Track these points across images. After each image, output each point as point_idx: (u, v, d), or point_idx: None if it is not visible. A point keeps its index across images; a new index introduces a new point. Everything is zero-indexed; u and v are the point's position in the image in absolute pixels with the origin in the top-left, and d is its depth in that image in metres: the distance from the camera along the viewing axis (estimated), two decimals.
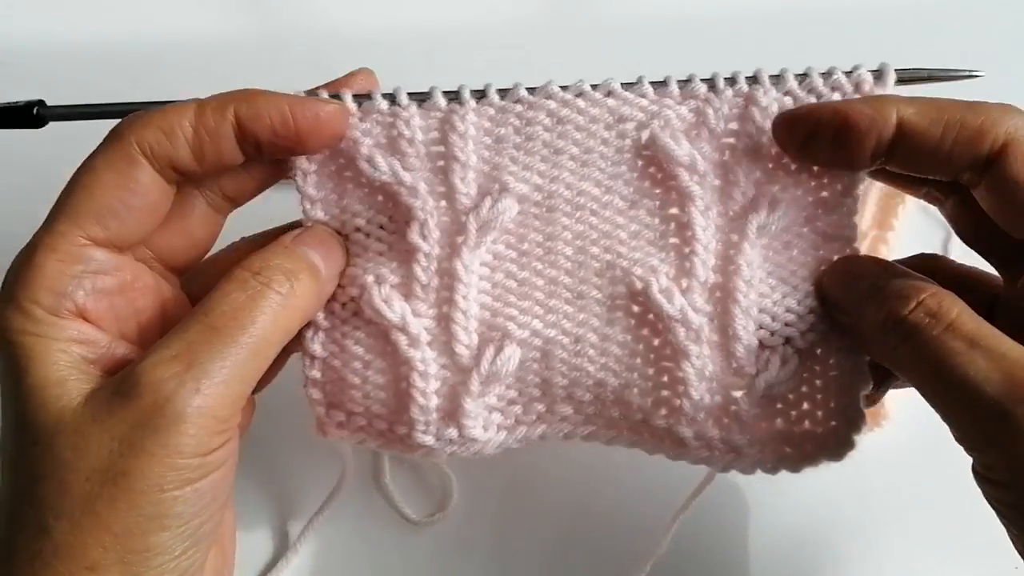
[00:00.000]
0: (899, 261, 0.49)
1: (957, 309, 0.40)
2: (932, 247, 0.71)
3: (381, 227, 0.47)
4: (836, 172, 0.46)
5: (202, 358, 0.39)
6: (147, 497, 0.37)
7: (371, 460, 0.62)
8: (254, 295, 0.41)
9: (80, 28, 0.77)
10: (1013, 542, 0.41)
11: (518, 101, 0.45)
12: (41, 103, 0.46)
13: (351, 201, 0.47)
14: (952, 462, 0.42)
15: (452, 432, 0.47)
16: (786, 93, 0.46)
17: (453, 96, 0.45)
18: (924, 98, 0.42)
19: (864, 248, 0.71)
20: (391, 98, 0.45)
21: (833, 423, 0.47)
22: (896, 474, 0.63)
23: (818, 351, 0.47)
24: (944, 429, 0.42)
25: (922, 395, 0.41)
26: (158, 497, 0.37)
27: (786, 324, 0.47)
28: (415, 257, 0.46)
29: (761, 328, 0.47)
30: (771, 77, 0.45)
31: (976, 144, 0.41)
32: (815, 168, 0.47)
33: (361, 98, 0.45)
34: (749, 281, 0.46)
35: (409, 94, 0.45)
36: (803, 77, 0.46)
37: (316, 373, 0.47)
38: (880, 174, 0.48)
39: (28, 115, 0.46)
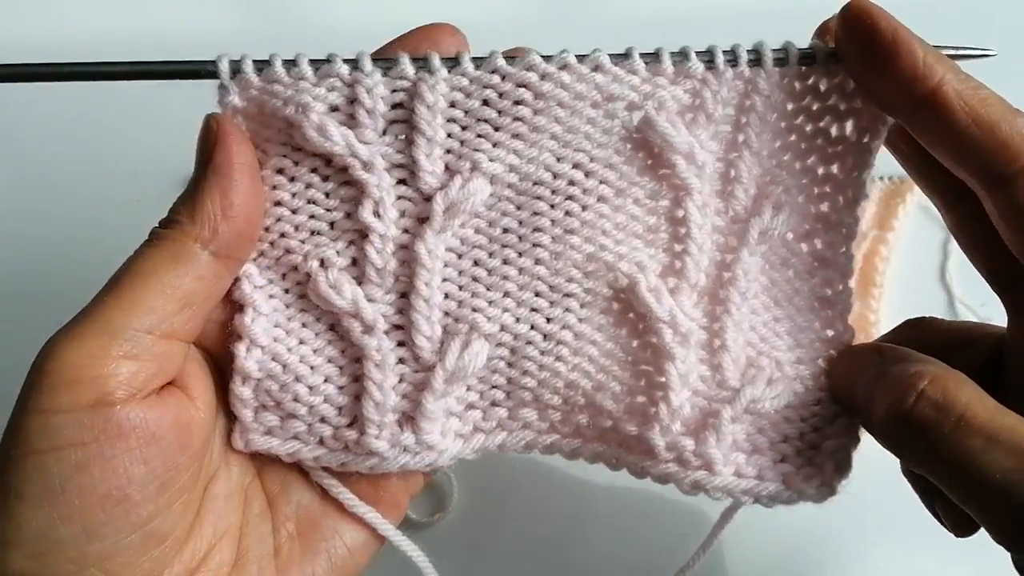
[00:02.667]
0: (887, 335, 0.47)
1: (965, 397, 0.37)
2: (932, 248, 0.73)
3: (313, 202, 0.41)
4: (842, 178, 0.42)
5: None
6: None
7: None
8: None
9: (80, 28, 0.76)
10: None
11: (495, 71, 0.40)
12: None
13: (278, 169, 0.41)
14: None
15: (408, 437, 0.42)
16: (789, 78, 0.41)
17: (422, 64, 0.40)
18: (975, 81, 0.39)
19: (864, 248, 0.72)
20: (353, 63, 0.40)
21: (816, 462, 0.43)
22: (896, 473, 0.63)
23: (807, 386, 0.44)
24: None
25: (947, 494, 0.39)
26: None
27: (775, 347, 0.43)
28: (368, 238, 0.41)
29: (749, 345, 0.43)
30: (775, 57, 0.41)
31: (998, 157, 0.38)
32: (819, 171, 0.43)
33: (319, 62, 0.40)
34: (744, 293, 0.43)
35: (374, 60, 0.40)
36: (809, 59, 0.41)
37: (252, 364, 0.41)
38: (900, 150, 0.45)
39: None
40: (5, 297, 0.67)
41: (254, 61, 0.40)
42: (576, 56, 0.40)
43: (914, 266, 0.73)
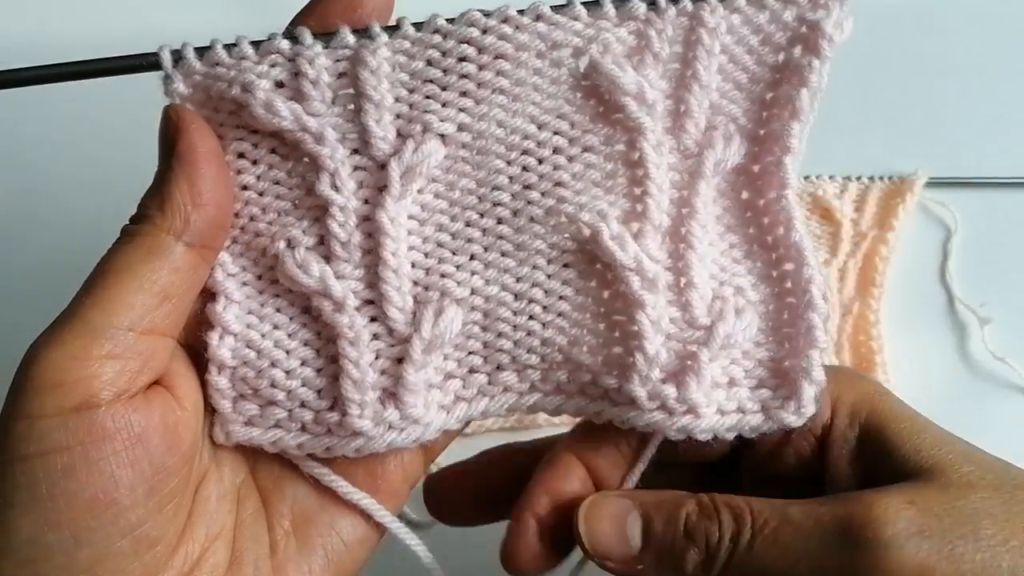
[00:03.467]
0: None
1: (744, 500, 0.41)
2: (932, 247, 0.75)
3: (277, 182, 0.41)
4: (784, 102, 0.42)
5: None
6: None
7: None
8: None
9: (80, 28, 0.76)
10: None
11: (436, 31, 0.40)
12: None
13: (238, 153, 0.41)
14: None
15: (391, 413, 0.41)
16: (734, 11, 0.41)
17: (362, 33, 0.40)
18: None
19: (864, 248, 0.72)
20: (292, 38, 0.40)
21: (791, 382, 0.42)
22: None
23: (771, 307, 0.43)
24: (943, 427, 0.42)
25: None
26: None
27: (735, 274, 0.43)
28: (329, 212, 0.40)
29: (712, 278, 0.42)
30: None
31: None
32: (767, 96, 0.43)
33: (259, 42, 0.40)
34: (704, 225, 0.42)
35: (314, 34, 0.40)
36: None
37: (225, 352, 0.41)
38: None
39: None
40: (4, 298, 0.67)
41: (195, 48, 0.40)
42: (517, 10, 0.40)
43: (914, 266, 0.74)
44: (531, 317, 0.42)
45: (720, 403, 0.42)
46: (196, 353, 0.42)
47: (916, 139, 0.76)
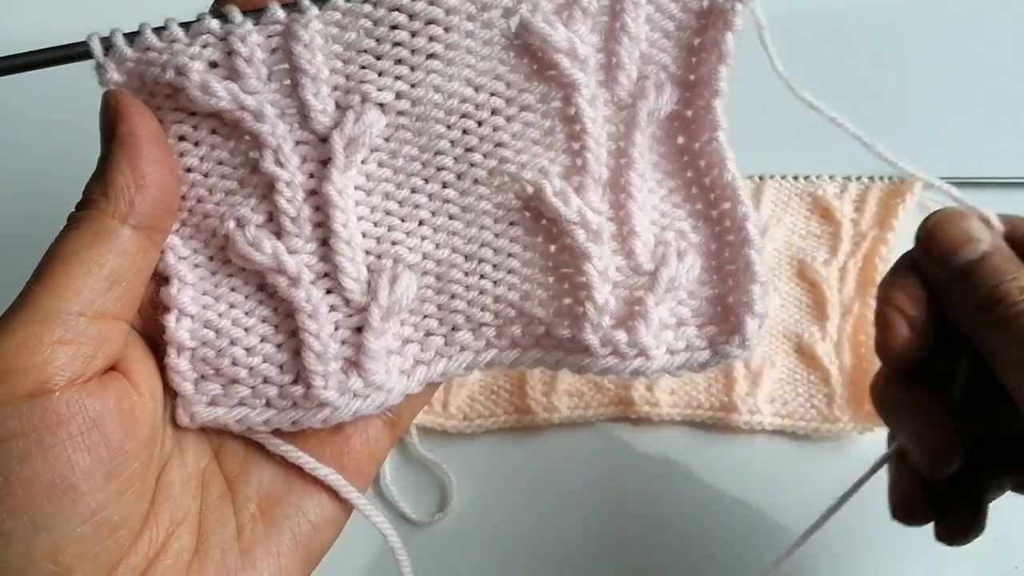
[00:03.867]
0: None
1: None
2: None
3: (220, 163, 0.41)
4: (711, 47, 0.43)
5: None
6: None
7: None
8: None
9: (80, 28, 0.74)
10: None
11: (366, 1, 0.40)
12: None
13: (179, 136, 0.41)
14: None
15: (355, 382, 0.42)
16: None
17: (293, 7, 0.40)
18: None
19: (864, 248, 0.72)
20: (222, 17, 0.40)
21: (734, 317, 0.43)
22: None
23: (712, 246, 0.44)
24: None
25: (1006, 379, 0.42)
26: None
27: (675, 218, 0.44)
28: (276, 188, 0.41)
29: (653, 224, 0.43)
30: None
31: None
32: (694, 42, 0.43)
33: (188, 24, 0.40)
34: (643, 174, 0.43)
35: (243, 12, 0.40)
36: None
37: (183, 334, 0.41)
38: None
39: None
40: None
41: (125, 34, 0.40)
42: None
43: None
44: (482, 276, 0.43)
45: (669, 343, 0.43)
46: (153, 341, 0.42)
47: (916, 139, 0.74)
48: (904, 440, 0.48)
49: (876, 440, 0.61)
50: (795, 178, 0.72)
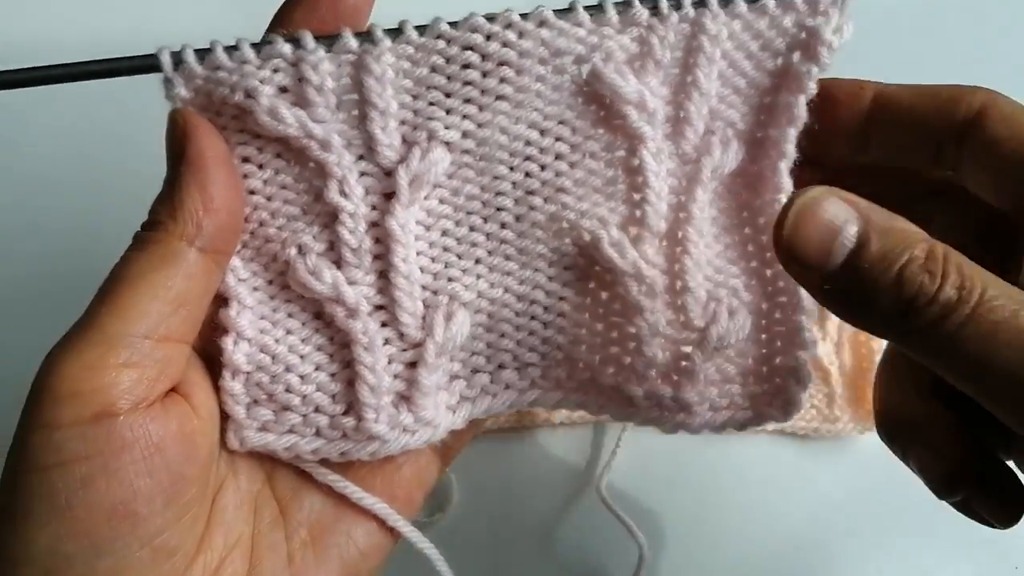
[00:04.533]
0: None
1: (980, 279, 0.33)
2: None
3: (284, 187, 0.41)
4: (782, 108, 0.43)
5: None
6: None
7: None
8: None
9: (80, 28, 0.74)
10: None
11: (439, 37, 0.39)
12: None
13: (243, 158, 0.41)
14: None
15: (406, 417, 0.42)
16: (735, 17, 0.41)
17: (364, 37, 0.40)
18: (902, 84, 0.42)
19: None
20: (295, 42, 0.39)
21: (779, 381, 0.44)
22: (896, 473, 0.64)
23: (763, 306, 0.44)
24: None
25: (952, 380, 0.35)
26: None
27: (729, 275, 0.44)
28: (339, 219, 0.41)
29: (707, 279, 0.44)
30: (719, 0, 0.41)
31: (951, 109, 0.40)
32: (764, 101, 0.43)
33: (260, 45, 0.40)
34: (700, 230, 0.43)
35: (316, 37, 0.40)
36: None
37: (240, 357, 0.41)
38: (865, 180, 0.41)
39: None
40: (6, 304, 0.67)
41: (195, 50, 0.40)
42: (520, 14, 0.40)
43: None
44: (533, 318, 0.43)
45: (712, 400, 0.43)
46: (209, 359, 0.42)
47: None
48: (915, 461, 0.43)
49: (876, 440, 0.62)
50: None
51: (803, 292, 0.43)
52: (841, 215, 0.34)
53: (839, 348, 0.70)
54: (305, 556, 0.43)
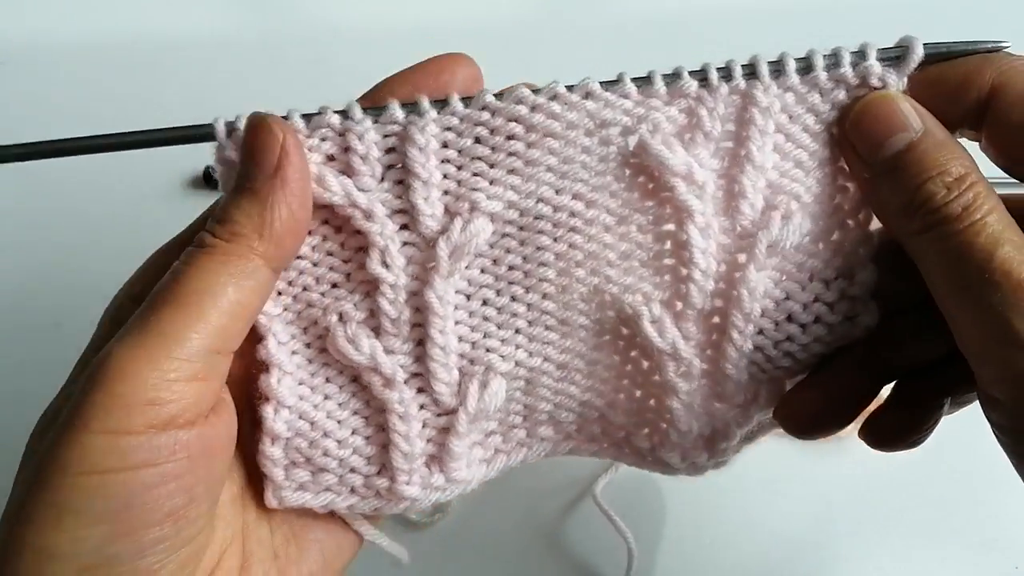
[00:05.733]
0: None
1: (988, 205, 0.36)
2: None
3: (330, 254, 0.41)
4: (852, 175, 0.41)
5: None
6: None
7: None
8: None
9: (80, 28, 0.78)
10: (1015, 468, 0.38)
11: (484, 108, 0.39)
12: None
13: None
14: (952, 462, 0.43)
15: (438, 479, 0.43)
16: (787, 89, 0.40)
17: (411, 108, 0.40)
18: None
19: None
20: (343, 113, 0.40)
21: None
22: (896, 474, 0.63)
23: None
24: (944, 428, 0.41)
25: (931, 288, 0.38)
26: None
27: (785, 353, 0.42)
28: (380, 289, 0.41)
29: (754, 363, 0.42)
30: (771, 70, 0.40)
31: (962, 96, 0.38)
32: (827, 169, 0.41)
33: (310, 115, 0.40)
34: (749, 314, 0.41)
35: (363, 109, 0.40)
36: (805, 69, 0.40)
37: (281, 425, 0.41)
38: None
39: None
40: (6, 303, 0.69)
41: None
42: (566, 86, 0.40)
43: None
44: (571, 383, 0.43)
45: (738, 444, 0.44)
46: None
47: None
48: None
49: None
50: None
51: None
52: (910, 116, 0.38)
53: None
54: (289, 552, 0.44)
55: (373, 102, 0.41)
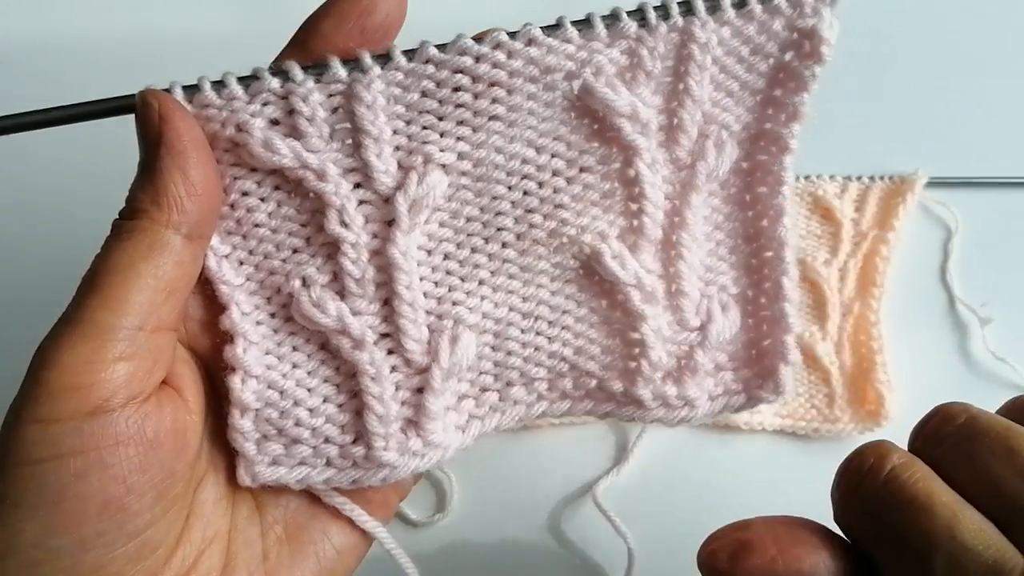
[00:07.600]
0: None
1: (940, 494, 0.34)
2: (933, 247, 0.74)
3: (287, 219, 0.41)
4: (782, 106, 0.43)
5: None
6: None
7: None
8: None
9: (80, 28, 0.75)
10: None
11: (428, 61, 0.39)
12: None
13: (243, 192, 0.41)
14: None
15: (415, 442, 0.42)
16: (724, 23, 0.41)
17: (353, 64, 0.39)
18: None
19: (864, 248, 0.72)
20: (283, 74, 0.39)
21: (768, 363, 0.45)
22: None
23: (750, 293, 0.45)
24: None
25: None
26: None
27: (719, 272, 0.45)
28: (341, 250, 0.41)
29: (699, 279, 0.44)
30: (707, 6, 0.41)
31: None
32: (758, 98, 0.43)
33: (247, 80, 0.39)
34: (695, 235, 0.43)
35: (303, 67, 0.39)
36: (740, 3, 0.41)
37: (249, 396, 0.41)
38: None
39: None
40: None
41: (183, 87, 0.39)
42: (508, 33, 0.40)
43: (914, 266, 0.74)
44: (538, 333, 0.44)
45: (709, 390, 0.44)
46: (200, 355, 0.42)
47: (916, 139, 0.76)
48: None
49: (876, 439, 0.63)
50: (796, 178, 0.72)
51: (785, 281, 0.44)
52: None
53: (839, 349, 0.71)
54: (280, 554, 0.43)
55: (306, 52, 0.40)
